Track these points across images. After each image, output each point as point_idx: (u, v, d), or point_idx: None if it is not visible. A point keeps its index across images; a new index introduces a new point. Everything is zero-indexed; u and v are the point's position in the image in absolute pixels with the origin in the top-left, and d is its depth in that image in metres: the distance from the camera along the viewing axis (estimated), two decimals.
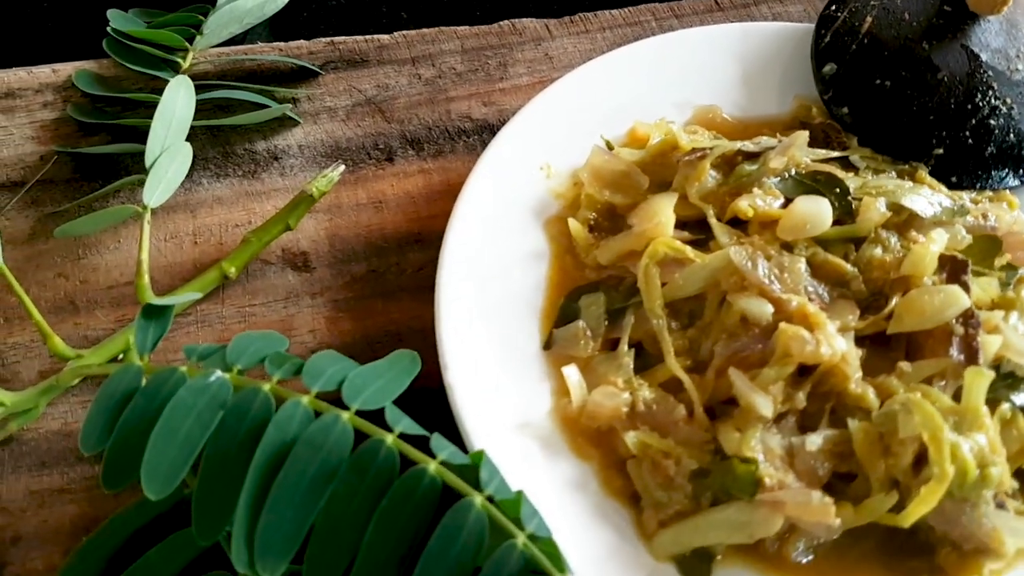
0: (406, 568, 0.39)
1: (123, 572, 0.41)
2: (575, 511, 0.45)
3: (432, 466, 0.39)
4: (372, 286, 0.55)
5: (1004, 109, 0.59)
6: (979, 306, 0.49)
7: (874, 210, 0.51)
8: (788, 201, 0.52)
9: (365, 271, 0.56)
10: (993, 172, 0.59)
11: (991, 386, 0.46)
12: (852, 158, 0.58)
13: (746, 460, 0.43)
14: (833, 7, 0.63)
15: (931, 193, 0.54)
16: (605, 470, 0.47)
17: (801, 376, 0.46)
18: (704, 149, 0.55)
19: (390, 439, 0.40)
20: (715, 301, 0.50)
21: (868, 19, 0.61)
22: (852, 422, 0.44)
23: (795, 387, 0.46)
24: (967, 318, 0.47)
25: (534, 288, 0.54)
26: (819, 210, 0.50)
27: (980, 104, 0.58)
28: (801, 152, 0.55)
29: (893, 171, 0.58)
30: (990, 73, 0.59)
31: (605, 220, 0.56)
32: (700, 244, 0.52)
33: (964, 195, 0.56)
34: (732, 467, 0.44)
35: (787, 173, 0.54)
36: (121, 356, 0.48)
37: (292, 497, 0.38)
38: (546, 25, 0.70)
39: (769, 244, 0.50)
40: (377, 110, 0.64)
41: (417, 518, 0.39)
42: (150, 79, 0.61)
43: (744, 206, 0.51)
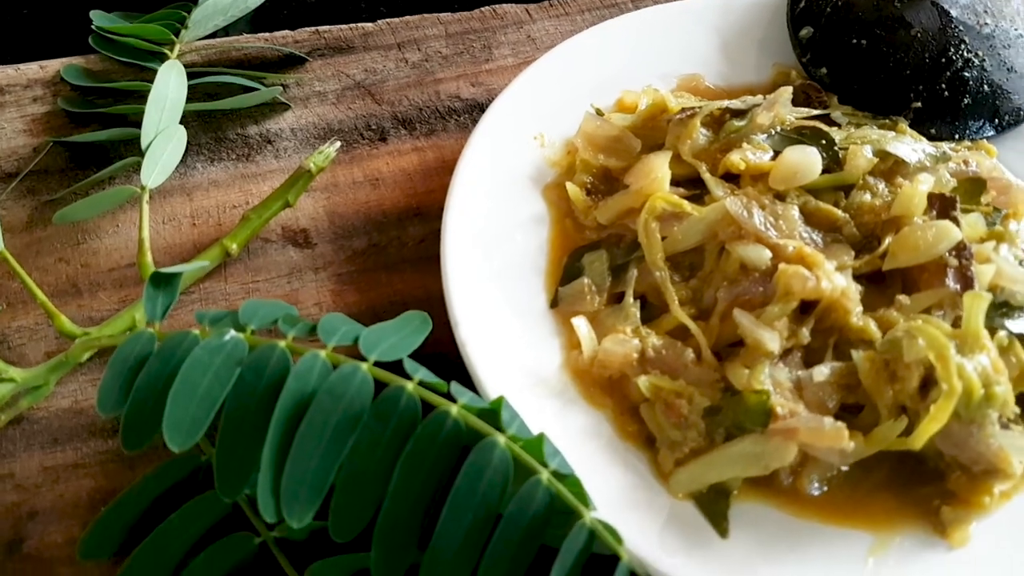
0: (433, 511, 0.39)
1: (145, 538, 0.41)
2: (592, 456, 0.46)
3: (454, 409, 0.40)
4: (374, 259, 0.56)
5: (976, 62, 0.61)
6: (969, 241, 0.50)
7: (861, 157, 0.53)
8: (777, 155, 0.53)
9: (366, 245, 0.56)
10: (970, 122, 0.61)
11: (989, 315, 0.48)
12: (834, 115, 0.60)
13: (757, 392, 0.44)
14: None
15: (913, 142, 0.56)
16: (619, 416, 0.48)
17: (803, 314, 0.47)
18: (693, 108, 0.56)
19: (410, 386, 0.40)
20: (714, 251, 0.51)
21: None
22: (856, 353, 0.45)
23: (798, 324, 0.47)
24: (960, 250, 0.48)
25: (537, 251, 0.55)
26: (808, 159, 0.52)
27: (953, 58, 0.60)
28: (786, 110, 0.57)
29: (874, 126, 0.60)
30: (960, 28, 0.61)
31: (601, 184, 0.57)
32: (696, 200, 0.53)
33: (944, 145, 0.58)
34: (744, 400, 0.44)
35: (773, 130, 0.55)
36: (129, 332, 0.48)
37: (316, 446, 0.38)
38: (526, 9, 0.72)
39: (762, 195, 0.52)
40: (367, 93, 0.65)
41: (442, 461, 0.39)
42: (139, 71, 0.62)
43: (736, 159, 0.53)
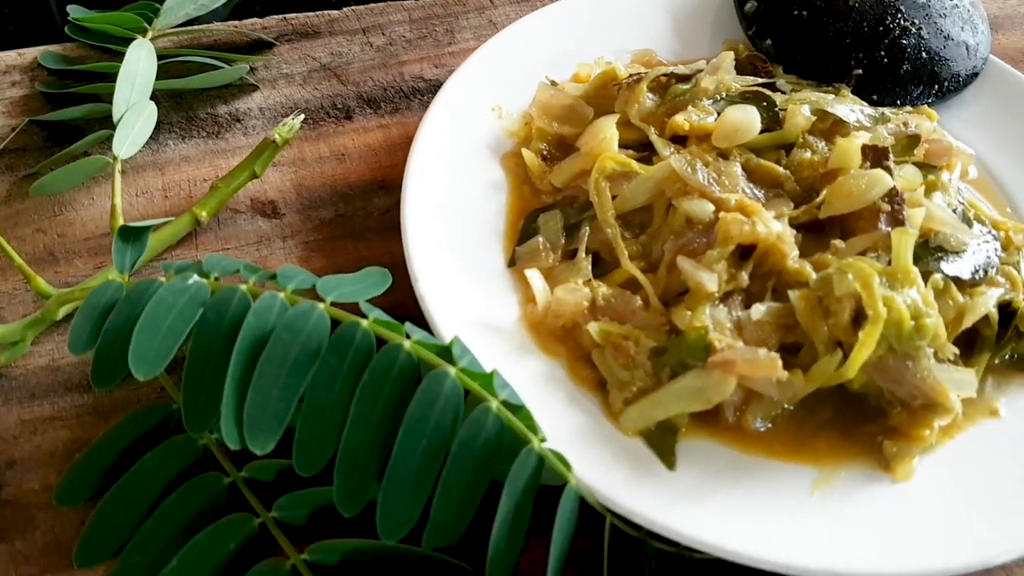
0: (391, 443, 0.41)
1: (118, 480, 0.43)
2: (546, 399, 0.48)
3: (407, 344, 0.42)
4: (341, 229, 0.58)
5: (913, 30, 0.64)
6: (904, 191, 0.52)
7: (799, 115, 0.56)
8: None
9: (333, 215, 0.59)
10: (910, 87, 0.64)
11: (923, 259, 0.50)
12: (779, 83, 0.63)
13: (697, 329, 0.46)
14: None
15: (854, 104, 0.59)
16: (573, 364, 0.50)
17: (743, 260, 0.50)
18: (640, 74, 0.59)
19: (365, 323, 0.42)
20: (662, 208, 0.54)
21: None
22: (792, 292, 0.48)
23: (738, 268, 0.49)
24: (892, 196, 0.51)
25: (495, 215, 0.57)
26: (748, 117, 0.55)
27: (891, 26, 0.63)
28: (730, 76, 0.59)
29: (817, 92, 0.62)
30: None
31: (556, 150, 0.60)
32: (646, 162, 0.56)
33: (886, 110, 0.61)
34: (685, 337, 0.47)
35: (719, 95, 0.58)
36: None
37: (276, 378, 0.41)
38: None
39: (707, 153, 0.54)
40: (332, 75, 0.67)
41: (396, 393, 0.41)
42: (112, 56, 0.64)
43: (681, 120, 0.55)
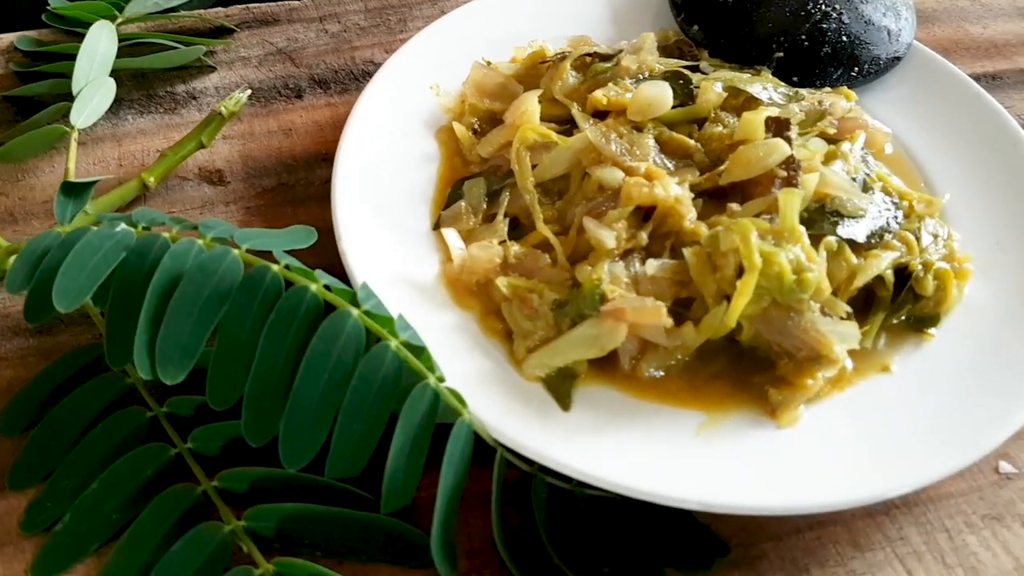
0: (296, 378, 0.45)
1: (51, 411, 0.47)
2: (456, 347, 0.51)
3: (313, 287, 0.46)
4: (282, 196, 0.62)
5: (834, 15, 0.67)
6: (806, 160, 0.56)
7: (711, 91, 0.59)
8: None
9: (276, 184, 0.63)
10: (830, 70, 0.67)
11: (819, 222, 0.54)
12: (702, 66, 0.66)
13: (592, 280, 0.50)
14: None
15: (767, 83, 0.62)
16: (484, 317, 0.53)
17: (645, 221, 0.53)
18: (564, 52, 0.62)
19: (276, 267, 0.46)
20: (578, 177, 0.57)
21: None
22: (686, 249, 0.51)
23: (639, 228, 0.53)
24: (789, 164, 0.54)
25: (426, 183, 0.61)
26: (661, 92, 0.58)
27: (812, 11, 0.67)
28: (652, 57, 0.63)
29: (735, 73, 0.66)
30: None
31: (487, 125, 0.63)
32: (567, 135, 0.59)
33: (803, 91, 0.64)
34: (582, 289, 0.50)
35: (641, 75, 0.62)
36: None
37: (188, 314, 0.44)
38: None
39: (622, 126, 0.58)
40: (287, 58, 0.72)
41: (302, 332, 0.45)
42: (82, 40, 0.68)
43: (599, 95, 0.59)
